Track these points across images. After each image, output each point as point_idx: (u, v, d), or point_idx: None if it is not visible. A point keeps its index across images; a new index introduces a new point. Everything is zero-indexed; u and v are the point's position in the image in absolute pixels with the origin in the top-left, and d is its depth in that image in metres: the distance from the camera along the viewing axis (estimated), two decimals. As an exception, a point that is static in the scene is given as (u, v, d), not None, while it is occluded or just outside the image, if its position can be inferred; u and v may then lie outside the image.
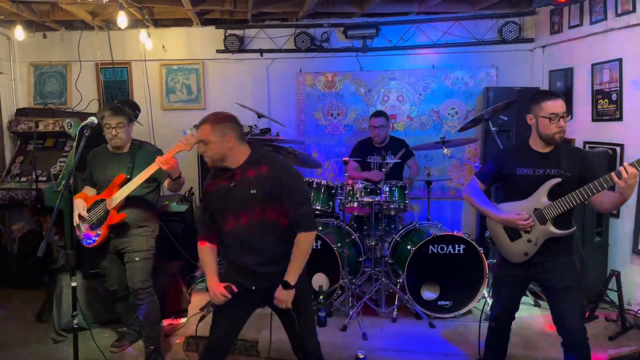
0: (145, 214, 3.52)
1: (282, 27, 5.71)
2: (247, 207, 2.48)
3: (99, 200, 3.43)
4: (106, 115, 3.39)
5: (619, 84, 4.27)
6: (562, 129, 2.73)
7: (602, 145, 4.48)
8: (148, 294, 3.46)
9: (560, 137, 2.76)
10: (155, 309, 3.51)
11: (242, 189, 2.49)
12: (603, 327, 3.91)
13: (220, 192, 2.56)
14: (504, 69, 5.56)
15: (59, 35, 5.82)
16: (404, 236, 4.45)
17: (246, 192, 2.47)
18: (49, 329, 3.98)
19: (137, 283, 3.42)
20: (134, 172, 3.39)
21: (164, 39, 5.79)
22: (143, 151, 3.52)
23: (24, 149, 5.45)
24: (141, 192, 3.45)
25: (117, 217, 3.36)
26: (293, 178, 2.56)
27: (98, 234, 3.39)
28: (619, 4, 4.16)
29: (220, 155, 2.50)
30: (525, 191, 2.85)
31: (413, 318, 4.11)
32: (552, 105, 2.72)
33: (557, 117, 2.71)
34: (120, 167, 3.44)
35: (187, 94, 5.92)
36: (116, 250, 3.50)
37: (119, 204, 3.35)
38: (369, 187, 4.38)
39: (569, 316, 2.79)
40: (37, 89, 5.99)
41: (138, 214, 3.47)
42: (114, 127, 3.39)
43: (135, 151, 3.51)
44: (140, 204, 3.48)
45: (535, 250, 2.85)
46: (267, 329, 2.97)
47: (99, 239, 3.39)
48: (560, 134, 2.74)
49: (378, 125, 4.92)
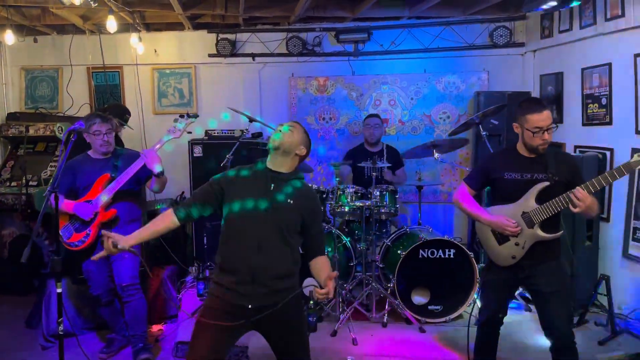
0: (131, 213, 3.56)
1: (274, 31, 5.72)
2: (279, 214, 2.41)
3: (83, 202, 3.43)
4: (97, 123, 3.44)
5: (609, 89, 4.29)
6: (546, 141, 2.75)
7: (592, 149, 4.49)
8: (137, 290, 3.48)
9: (544, 149, 2.79)
10: (143, 306, 3.54)
11: (280, 194, 2.44)
12: (593, 331, 3.92)
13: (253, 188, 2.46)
14: (496, 73, 5.58)
15: (51, 40, 5.81)
16: (395, 240, 4.45)
17: (282, 199, 2.43)
18: (38, 334, 3.95)
19: (126, 279, 3.44)
20: (118, 171, 3.45)
21: (156, 43, 5.79)
22: (125, 155, 3.61)
23: (15, 153, 5.43)
24: (126, 192, 3.47)
25: (107, 214, 3.39)
26: (319, 207, 2.62)
27: (87, 235, 3.40)
28: (608, 9, 4.18)
29: (290, 148, 2.46)
30: (513, 195, 2.87)
31: (404, 323, 4.10)
32: (537, 119, 2.72)
33: (540, 130, 2.72)
34: (103, 169, 3.50)
35: (179, 98, 5.91)
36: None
37: (106, 202, 3.37)
38: (359, 192, 4.38)
39: (556, 320, 2.80)
40: (28, 94, 5.97)
41: (126, 209, 3.51)
42: (105, 134, 3.45)
43: (117, 156, 3.58)
44: (127, 201, 3.52)
45: (522, 254, 2.85)
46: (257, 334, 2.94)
47: (89, 240, 3.39)
48: (543, 146, 2.77)
49: (373, 124, 4.98)
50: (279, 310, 2.35)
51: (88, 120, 3.45)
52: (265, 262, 2.36)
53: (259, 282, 2.36)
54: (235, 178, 2.51)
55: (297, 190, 2.49)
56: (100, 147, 3.49)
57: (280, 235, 2.40)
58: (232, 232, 2.41)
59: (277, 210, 2.40)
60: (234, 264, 2.39)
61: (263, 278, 2.36)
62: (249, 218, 2.39)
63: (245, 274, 2.35)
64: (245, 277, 2.35)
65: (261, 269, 2.36)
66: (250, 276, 2.35)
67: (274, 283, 2.39)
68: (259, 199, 2.41)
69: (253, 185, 2.46)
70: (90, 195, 3.42)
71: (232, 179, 2.50)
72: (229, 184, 2.48)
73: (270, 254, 2.37)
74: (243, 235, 2.39)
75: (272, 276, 2.38)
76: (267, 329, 2.47)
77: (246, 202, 2.40)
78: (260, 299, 2.36)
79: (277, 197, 2.43)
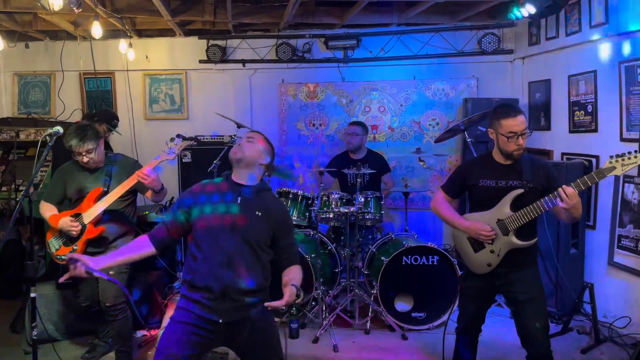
0: (122, 227, 3.49)
1: (264, 37, 5.75)
2: (248, 228, 2.38)
3: (73, 215, 3.36)
4: (73, 145, 3.25)
5: (594, 96, 4.29)
6: (520, 146, 2.74)
7: (579, 156, 4.49)
8: (120, 310, 3.40)
9: (519, 154, 2.77)
10: (128, 324, 3.48)
11: (247, 207, 2.41)
12: (576, 339, 3.89)
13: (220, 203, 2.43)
14: (485, 80, 5.59)
15: (43, 45, 5.85)
16: (380, 247, 4.44)
17: (250, 212, 2.40)
18: (22, 339, 3.96)
19: (110, 299, 3.35)
20: (111, 185, 3.35)
21: (147, 49, 5.82)
22: (119, 164, 3.49)
23: (6, 158, 5.46)
24: (118, 206, 3.41)
25: (94, 231, 3.31)
26: (289, 219, 2.66)
27: (74, 250, 3.33)
28: (592, 16, 4.19)
29: (252, 160, 2.46)
30: (488, 202, 2.86)
31: (387, 330, 4.09)
32: (511, 123, 2.72)
33: (515, 135, 2.71)
34: (95, 181, 3.40)
35: (170, 103, 5.94)
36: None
37: (97, 218, 3.30)
38: (344, 198, 4.38)
39: (531, 329, 2.77)
40: (21, 99, 6.00)
41: (115, 227, 3.44)
42: (84, 155, 3.29)
43: (111, 164, 3.47)
44: (117, 217, 3.44)
45: (498, 262, 2.84)
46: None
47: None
48: (518, 151, 2.76)
49: (351, 132, 5.01)
50: (250, 324, 2.36)
51: (67, 141, 3.26)
52: (235, 277, 2.34)
53: (230, 297, 2.34)
54: (201, 193, 2.48)
55: (265, 202, 2.48)
56: (86, 165, 3.36)
57: (250, 250, 2.38)
58: (201, 248, 2.39)
59: (245, 224, 2.38)
60: (204, 280, 2.35)
61: (233, 293, 2.34)
62: (217, 233, 2.37)
63: (216, 290, 2.33)
64: (215, 293, 2.33)
65: (231, 284, 2.34)
66: (220, 291, 2.33)
67: (245, 298, 2.37)
68: (225, 213, 2.39)
69: (220, 200, 2.43)
70: (81, 208, 3.34)
71: (197, 194, 2.48)
72: (195, 199, 2.46)
73: (240, 269, 2.36)
74: (212, 251, 2.36)
75: (242, 291, 2.36)
76: (237, 344, 2.46)
77: (213, 217, 2.38)
78: (231, 314, 2.35)
79: (245, 210, 2.40)
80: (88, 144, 3.26)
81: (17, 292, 4.98)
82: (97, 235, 3.32)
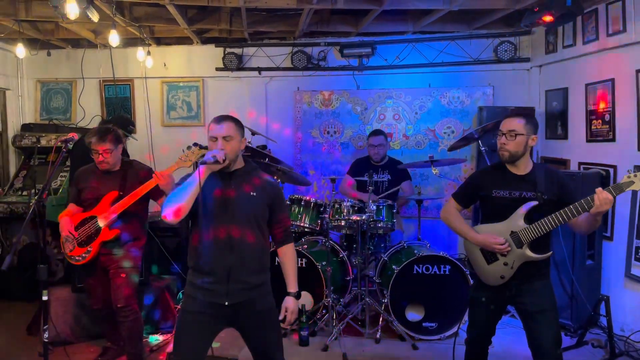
0: (135, 232, 3.54)
1: (279, 45, 5.80)
2: (246, 208, 2.47)
3: (88, 217, 3.44)
4: (93, 142, 3.39)
5: (612, 105, 4.22)
6: (502, 146, 2.78)
7: (596, 166, 4.41)
8: (132, 312, 3.45)
9: (503, 155, 2.80)
10: (139, 326, 3.52)
11: (241, 193, 2.48)
12: (591, 352, 3.81)
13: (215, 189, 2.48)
14: (501, 88, 5.54)
15: (65, 53, 6.00)
16: (392, 255, 4.42)
17: (245, 196, 2.48)
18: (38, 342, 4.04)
19: (122, 300, 3.40)
20: (126, 189, 3.42)
21: (165, 57, 5.92)
22: (134, 169, 3.57)
23: (28, 163, 5.61)
24: (132, 210, 3.45)
25: (110, 234, 3.40)
26: (282, 193, 2.71)
27: (88, 251, 3.42)
28: (610, 24, 4.13)
29: (235, 155, 2.49)
30: (501, 213, 2.82)
31: (397, 339, 4.06)
32: (503, 122, 2.81)
33: (501, 133, 2.78)
34: (111, 185, 3.47)
35: (187, 110, 6.02)
36: (103, 266, 3.53)
37: (112, 221, 3.38)
38: (356, 206, 4.37)
39: (543, 341, 2.73)
40: (43, 105, 6.16)
41: (129, 230, 3.50)
42: (101, 154, 3.40)
43: (126, 169, 3.55)
44: (131, 220, 3.50)
45: (511, 274, 2.80)
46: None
47: (89, 256, 3.42)
48: (501, 151, 2.79)
49: (377, 144, 4.94)
50: (253, 305, 2.47)
51: (88, 137, 3.44)
52: (239, 259, 2.43)
53: (234, 279, 2.43)
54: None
55: (257, 181, 2.54)
56: (99, 165, 3.46)
57: (250, 230, 2.46)
58: (202, 233, 2.44)
59: (243, 205, 2.46)
60: (209, 265, 2.43)
61: (238, 275, 2.43)
62: (217, 218, 2.44)
63: (221, 273, 2.42)
64: (221, 276, 2.42)
65: (236, 267, 2.43)
66: (225, 274, 2.42)
67: (249, 279, 2.47)
68: (223, 197, 2.46)
69: (215, 186, 2.48)
70: (97, 211, 3.41)
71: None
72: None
73: (243, 250, 2.44)
74: (213, 235, 2.44)
75: (246, 272, 2.45)
76: (241, 325, 2.54)
77: (211, 203, 2.45)
78: (236, 295, 2.44)
79: (240, 192, 2.48)
80: (108, 143, 3.40)
81: (36, 294, 5.07)
82: (112, 238, 3.40)
